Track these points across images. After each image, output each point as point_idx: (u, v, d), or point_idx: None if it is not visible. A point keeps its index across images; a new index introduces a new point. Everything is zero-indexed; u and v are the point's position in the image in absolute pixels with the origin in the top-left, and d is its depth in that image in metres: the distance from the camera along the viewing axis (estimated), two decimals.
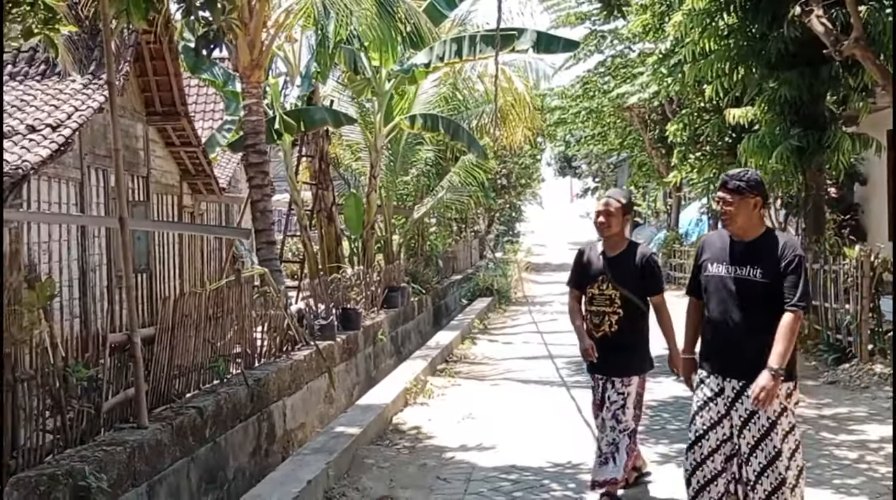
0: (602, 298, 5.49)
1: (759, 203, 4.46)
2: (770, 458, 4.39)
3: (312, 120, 14.36)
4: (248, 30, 11.22)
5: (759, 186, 4.48)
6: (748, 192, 4.43)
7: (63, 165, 11.22)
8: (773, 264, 4.38)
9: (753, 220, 4.47)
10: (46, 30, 7.95)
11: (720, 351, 4.55)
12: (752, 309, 4.41)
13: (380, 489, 6.21)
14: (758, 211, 4.47)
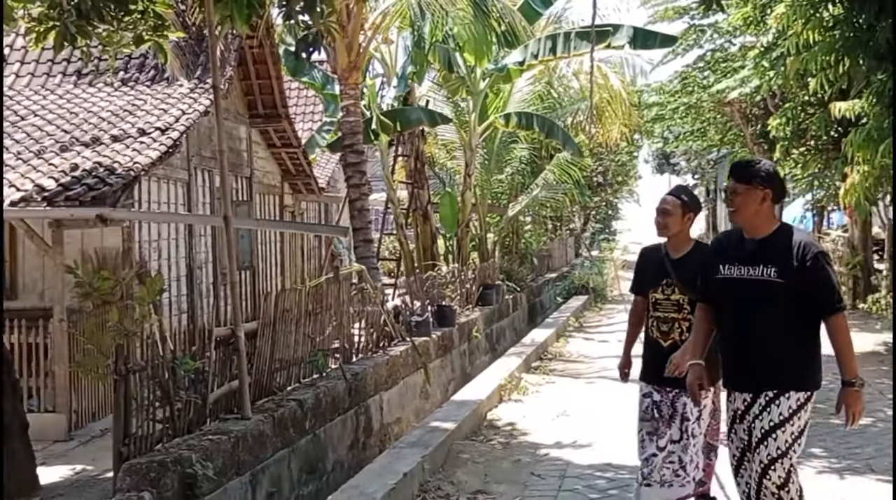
0: (668, 303, 5.05)
1: (767, 196, 4.08)
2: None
3: (408, 120, 14.55)
4: (346, 32, 11.46)
5: (769, 178, 4.12)
6: (756, 182, 4.08)
7: (171, 166, 11.67)
8: (789, 262, 3.99)
9: (763, 213, 4.10)
10: (156, 37, 8.33)
11: (736, 361, 4.17)
12: (767, 312, 4.02)
13: (474, 484, 6.28)
14: (767, 205, 4.10)
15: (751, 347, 4.06)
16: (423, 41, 12.42)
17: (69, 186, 9.10)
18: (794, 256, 3.99)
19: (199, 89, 12.56)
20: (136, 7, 7.92)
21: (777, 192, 4.13)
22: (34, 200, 8.89)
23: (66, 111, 12.04)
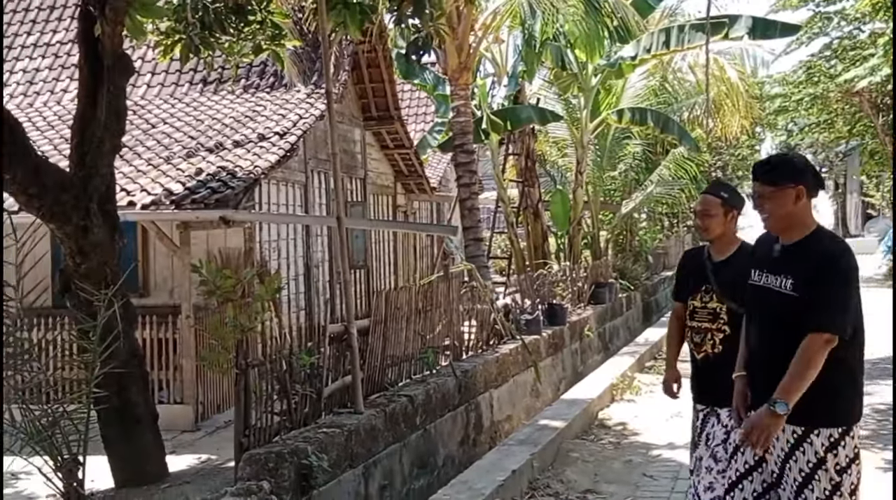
0: (704, 312, 4.56)
1: (801, 193, 3.55)
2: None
3: (519, 119, 14.61)
4: (456, 34, 11.61)
5: (798, 173, 3.58)
6: (785, 181, 3.56)
7: (289, 169, 12.10)
8: (807, 273, 3.47)
9: (797, 216, 3.56)
10: (273, 46, 8.68)
11: (755, 383, 3.70)
12: (780, 329, 3.53)
13: (584, 483, 6.29)
14: (803, 203, 3.56)
15: (771, 368, 3.53)
16: (533, 39, 12.45)
17: (195, 189, 9.58)
18: (813, 266, 3.48)
19: (316, 94, 12.98)
20: (254, 18, 8.29)
21: (812, 186, 3.60)
22: (163, 203, 9.39)
23: (192, 119, 12.65)
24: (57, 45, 15.12)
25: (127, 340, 5.60)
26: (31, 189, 5.33)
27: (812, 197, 3.61)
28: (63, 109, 13.46)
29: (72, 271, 5.67)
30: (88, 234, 5.55)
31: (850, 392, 3.54)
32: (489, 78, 16.41)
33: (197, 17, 7.79)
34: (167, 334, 9.83)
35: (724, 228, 4.59)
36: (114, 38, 5.64)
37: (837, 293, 3.44)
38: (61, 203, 5.45)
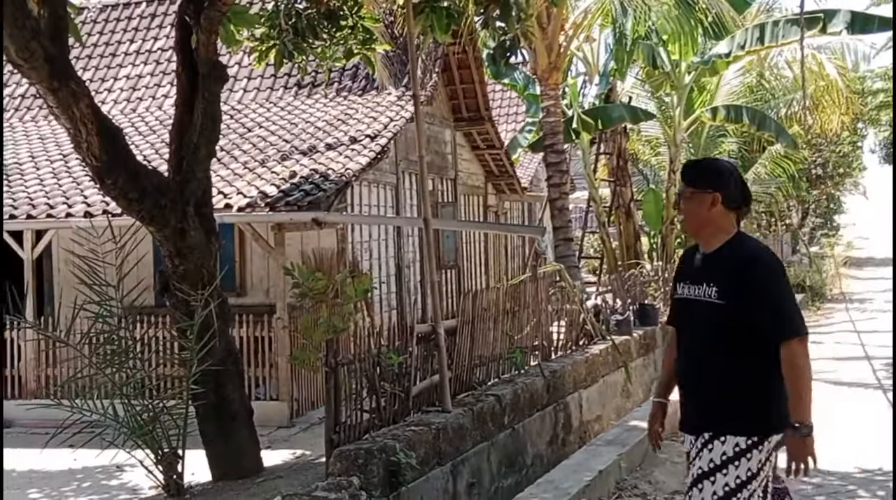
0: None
1: (717, 200, 3.45)
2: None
3: (610, 118, 14.48)
4: (546, 34, 11.58)
5: (714, 178, 3.49)
6: (700, 185, 3.47)
7: (380, 171, 12.28)
8: (730, 279, 3.39)
9: (713, 222, 3.47)
10: (365, 50, 8.83)
11: (682, 395, 3.61)
12: (711, 340, 3.44)
13: (672, 485, 6.22)
14: (718, 211, 3.47)
15: (695, 380, 3.50)
16: (624, 38, 12.33)
17: (289, 192, 9.83)
18: (739, 271, 3.39)
19: (406, 97, 13.14)
20: (346, 23, 8.44)
21: (731, 196, 3.48)
22: (258, 205, 9.67)
23: (286, 122, 12.98)
24: (158, 52, 15.69)
25: (223, 338, 5.81)
26: (131, 194, 5.58)
27: (733, 208, 3.51)
28: (164, 114, 13.97)
29: (170, 272, 5.90)
30: (186, 236, 5.77)
31: (763, 402, 3.39)
32: (580, 77, 16.33)
33: (290, 23, 7.98)
34: (263, 333, 10.11)
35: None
36: (208, 47, 5.85)
37: (781, 294, 3.37)
38: (160, 207, 5.69)
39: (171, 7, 16.34)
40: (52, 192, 11.16)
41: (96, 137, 5.30)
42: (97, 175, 5.49)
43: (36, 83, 5.19)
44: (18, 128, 14.82)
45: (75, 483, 7.95)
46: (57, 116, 5.33)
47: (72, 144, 5.54)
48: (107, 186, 5.54)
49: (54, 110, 5.29)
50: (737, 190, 3.53)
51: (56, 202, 10.70)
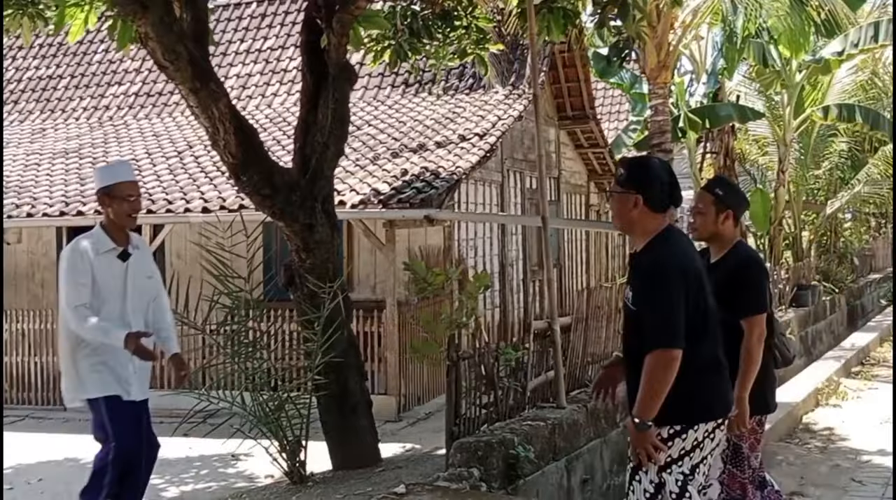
0: None
1: (638, 201, 3.38)
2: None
3: (718, 117, 14.24)
4: (656, 33, 11.47)
5: (635, 178, 3.43)
6: (624, 185, 3.43)
7: (487, 169, 12.37)
8: (635, 284, 3.42)
9: (637, 223, 3.42)
10: (478, 50, 8.93)
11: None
12: (633, 342, 3.46)
13: (789, 485, 6.14)
14: (640, 212, 3.39)
15: (631, 375, 3.50)
16: (734, 36, 12.12)
17: (401, 189, 10.02)
18: (640, 278, 3.40)
19: (514, 95, 13.21)
20: (460, 23, 8.55)
21: (654, 198, 3.38)
22: (371, 202, 9.88)
23: (395, 120, 13.20)
24: (268, 52, 16.12)
25: (345, 331, 5.99)
26: (264, 190, 5.81)
27: (657, 210, 3.40)
28: (273, 112, 14.38)
29: (297, 266, 6.12)
30: (314, 232, 5.97)
31: (687, 391, 3.35)
32: (687, 75, 16.10)
33: (406, 23, 8.13)
34: (371, 328, 10.31)
35: (715, 229, 4.20)
36: (339, 49, 6.03)
37: (657, 304, 3.30)
38: (290, 203, 5.90)
39: (280, 7, 16.81)
40: (169, 188, 11.62)
41: (233, 135, 5.54)
42: (233, 172, 5.73)
43: (178, 84, 5.45)
44: (133, 125, 15.46)
45: (193, 471, 8.27)
46: (196, 115, 5.59)
47: (209, 142, 5.80)
48: (242, 182, 5.78)
49: (194, 110, 5.55)
50: (659, 192, 3.42)
51: (174, 198, 11.14)
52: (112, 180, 4.57)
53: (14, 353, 12.00)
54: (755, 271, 4.20)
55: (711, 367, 3.45)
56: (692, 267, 3.41)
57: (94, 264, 4.45)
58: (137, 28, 5.11)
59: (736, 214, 4.22)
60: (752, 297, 4.09)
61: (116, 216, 4.51)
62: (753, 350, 4.01)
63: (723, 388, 3.54)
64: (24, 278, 13.44)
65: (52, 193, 12.00)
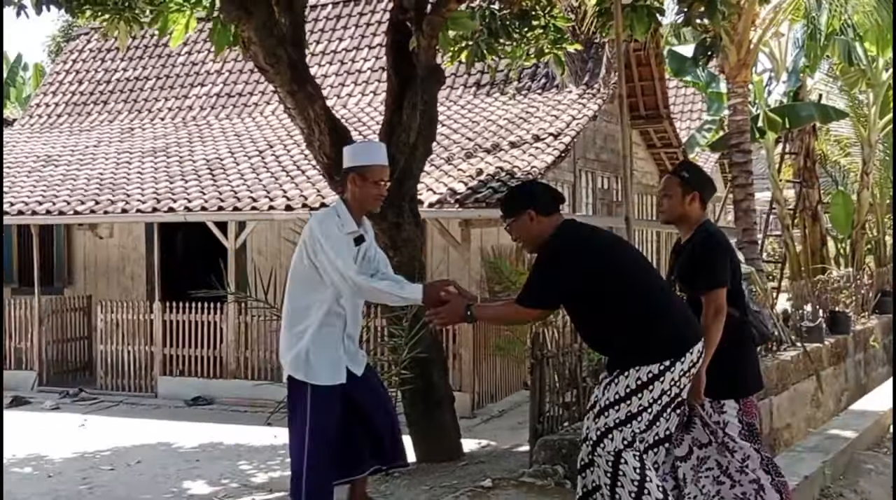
0: None
1: (532, 215, 3.88)
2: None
3: (799, 116, 13.96)
4: (737, 30, 11.31)
5: (522, 201, 3.93)
6: (516, 211, 3.94)
7: (559, 169, 12.36)
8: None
9: (536, 233, 3.91)
10: (555, 49, 8.93)
11: None
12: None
13: (880, 495, 6.02)
14: (537, 223, 3.89)
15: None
16: (818, 33, 11.88)
17: (477, 189, 10.09)
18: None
19: (588, 95, 13.17)
20: (538, 23, 8.57)
21: (541, 205, 3.90)
22: (448, 201, 9.98)
23: (468, 121, 13.28)
24: (342, 53, 16.36)
25: (430, 328, 6.07)
26: None
27: (543, 213, 3.88)
28: (348, 113, 14.58)
29: None
30: (401, 230, 6.07)
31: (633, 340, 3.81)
32: (765, 73, 15.83)
33: (484, 23, 8.17)
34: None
35: (683, 210, 4.31)
36: (429, 51, 6.12)
37: (533, 274, 3.89)
38: None
39: (354, 8, 17.04)
40: (253, 186, 11.90)
41: (328, 136, 5.66)
42: (327, 172, 5.85)
43: (277, 86, 5.60)
44: (215, 125, 15.85)
45: (279, 458, 8.51)
46: (293, 116, 5.73)
47: (305, 143, 5.93)
48: (335, 182, 5.90)
49: (290, 111, 5.69)
50: (546, 197, 3.95)
51: (258, 196, 11.41)
52: (368, 161, 4.29)
53: (109, 342, 12.55)
54: (711, 245, 4.30)
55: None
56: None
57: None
58: (241, 33, 5.26)
59: (702, 195, 4.34)
60: (708, 272, 4.22)
61: (364, 198, 4.25)
62: (711, 326, 4.11)
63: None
64: (115, 271, 13.94)
65: (143, 190, 12.42)
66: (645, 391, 3.74)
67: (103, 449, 9.07)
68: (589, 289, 3.79)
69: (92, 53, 18.45)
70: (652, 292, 3.91)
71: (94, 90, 17.74)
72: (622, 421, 3.76)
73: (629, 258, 4.01)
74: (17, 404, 11.90)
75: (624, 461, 3.76)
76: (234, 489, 7.26)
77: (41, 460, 8.71)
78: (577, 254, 3.84)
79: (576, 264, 3.81)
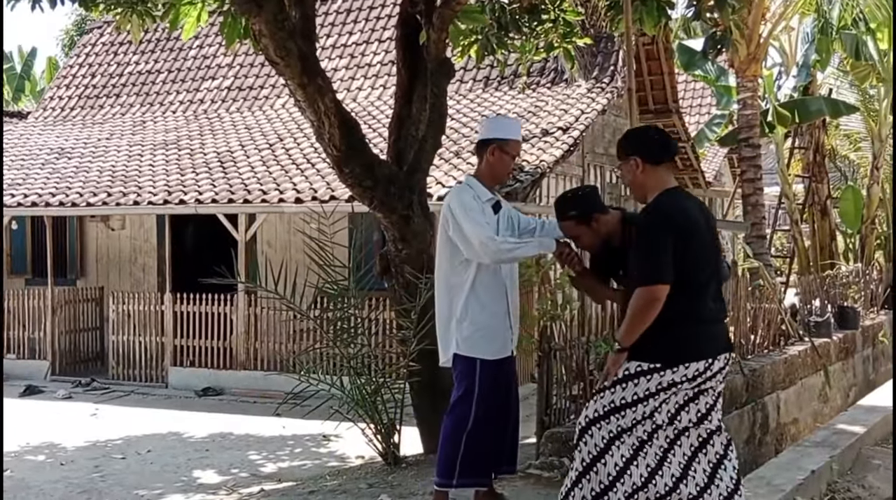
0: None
1: (638, 163, 3.92)
2: None
3: (809, 111, 13.93)
4: (747, 24, 11.31)
5: (628, 143, 4.01)
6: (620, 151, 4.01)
7: (568, 163, 12.37)
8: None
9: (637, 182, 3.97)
10: (565, 44, 8.94)
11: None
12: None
13: (887, 490, 6.03)
14: (639, 173, 3.90)
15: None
16: (829, 26, 11.85)
17: None
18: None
19: (596, 89, 13.18)
20: (547, 17, 8.56)
21: (647, 154, 3.90)
22: None
23: (477, 115, 13.29)
24: (353, 47, 16.38)
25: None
26: (365, 182, 5.96)
27: (656, 163, 3.85)
28: (358, 106, 14.62)
29: (394, 256, 6.26)
30: (410, 223, 6.11)
31: (660, 334, 3.72)
32: (775, 68, 15.78)
33: (493, 17, 8.18)
34: None
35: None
36: (439, 45, 6.14)
37: (641, 246, 3.78)
38: (389, 195, 6.04)
39: (364, 2, 17.06)
40: (263, 179, 11.95)
41: (338, 129, 5.71)
42: (337, 164, 5.90)
43: (288, 79, 5.64)
44: (226, 118, 15.91)
45: (288, 449, 8.59)
46: (303, 109, 5.77)
47: (315, 136, 5.97)
48: (344, 174, 5.95)
49: (301, 104, 5.73)
50: (654, 146, 3.94)
51: (268, 188, 11.46)
52: (508, 135, 4.46)
53: (120, 332, 12.67)
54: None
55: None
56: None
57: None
58: (252, 26, 5.31)
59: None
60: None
61: (501, 170, 4.44)
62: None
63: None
64: (127, 262, 14.06)
65: (154, 182, 12.50)
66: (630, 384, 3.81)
67: (115, 438, 9.16)
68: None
69: (105, 47, 18.54)
70: (704, 289, 3.81)
71: (106, 83, 17.84)
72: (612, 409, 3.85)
73: (706, 246, 3.86)
74: (31, 392, 12.02)
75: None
76: (244, 479, 7.32)
77: (54, 448, 8.81)
78: (671, 227, 3.72)
79: (667, 237, 3.70)
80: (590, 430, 3.90)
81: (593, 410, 3.92)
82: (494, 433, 4.51)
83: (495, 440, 4.54)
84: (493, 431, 4.49)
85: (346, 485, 5.80)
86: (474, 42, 8.44)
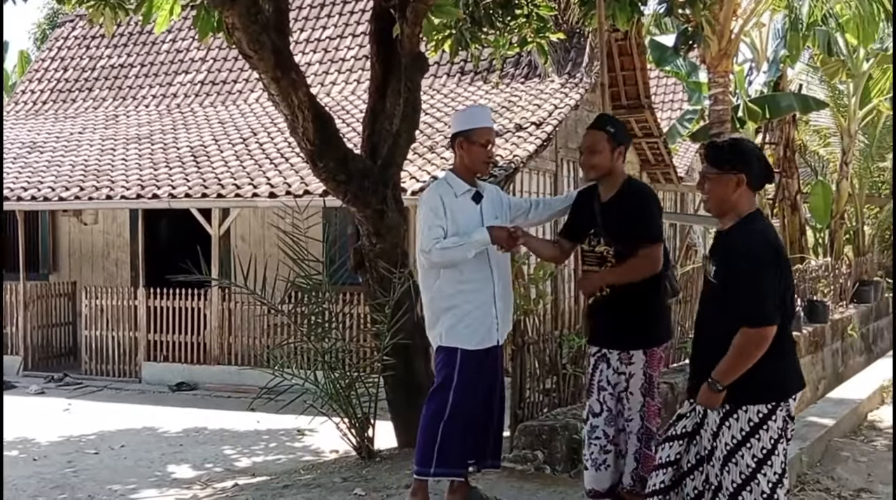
0: (592, 256, 4.39)
1: (741, 181, 3.59)
2: None
3: (779, 107, 14.08)
4: (718, 20, 11.40)
5: (743, 161, 3.59)
6: (727, 167, 3.61)
7: (542, 158, 12.42)
8: (723, 261, 3.68)
9: (732, 202, 3.65)
10: (538, 38, 8.96)
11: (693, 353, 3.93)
12: (711, 315, 3.80)
13: (856, 482, 6.14)
14: (742, 191, 3.60)
15: (700, 347, 3.78)
16: (799, 23, 11.97)
17: None
18: (729, 256, 3.61)
19: (570, 84, 13.23)
20: (521, 12, 8.59)
21: (756, 177, 3.61)
22: None
23: (450, 109, 13.30)
24: (326, 41, 16.32)
25: (413, 315, 6.13)
26: (339, 176, 5.96)
27: (756, 188, 3.59)
28: (332, 101, 14.58)
29: (368, 250, 6.27)
30: (384, 217, 6.12)
31: (774, 368, 3.48)
32: (746, 64, 15.93)
33: (467, 12, 8.19)
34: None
35: (611, 166, 4.29)
36: (413, 39, 6.15)
37: (749, 282, 3.42)
38: (363, 189, 6.05)
39: None
40: (237, 173, 11.90)
41: (311, 123, 5.70)
42: (310, 159, 5.89)
43: (261, 73, 5.62)
44: (199, 112, 15.81)
45: (262, 443, 8.59)
46: (277, 103, 5.76)
47: (289, 130, 5.96)
48: (318, 168, 5.94)
49: (275, 98, 5.72)
50: (762, 170, 3.61)
51: (242, 183, 11.42)
52: (471, 125, 4.41)
53: (93, 327, 12.60)
54: (646, 196, 4.35)
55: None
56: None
57: (451, 206, 4.34)
58: (225, 19, 5.29)
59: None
60: (648, 224, 4.26)
61: (471, 161, 4.39)
62: (638, 266, 4.20)
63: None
64: (100, 257, 13.95)
65: (127, 177, 12.41)
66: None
67: (88, 433, 9.11)
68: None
69: (77, 41, 18.36)
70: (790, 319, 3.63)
71: (79, 77, 17.67)
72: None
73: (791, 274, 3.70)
74: (3, 388, 11.91)
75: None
76: (218, 474, 7.31)
77: (27, 443, 8.75)
78: (775, 262, 3.48)
79: (775, 275, 3.45)
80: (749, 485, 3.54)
81: (739, 473, 3.52)
82: (474, 424, 4.53)
83: (475, 431, 4.56)
84: (472, 422, 4.51)
85: (320, 479, 5.81)
86: (448, 37, 8.42)
